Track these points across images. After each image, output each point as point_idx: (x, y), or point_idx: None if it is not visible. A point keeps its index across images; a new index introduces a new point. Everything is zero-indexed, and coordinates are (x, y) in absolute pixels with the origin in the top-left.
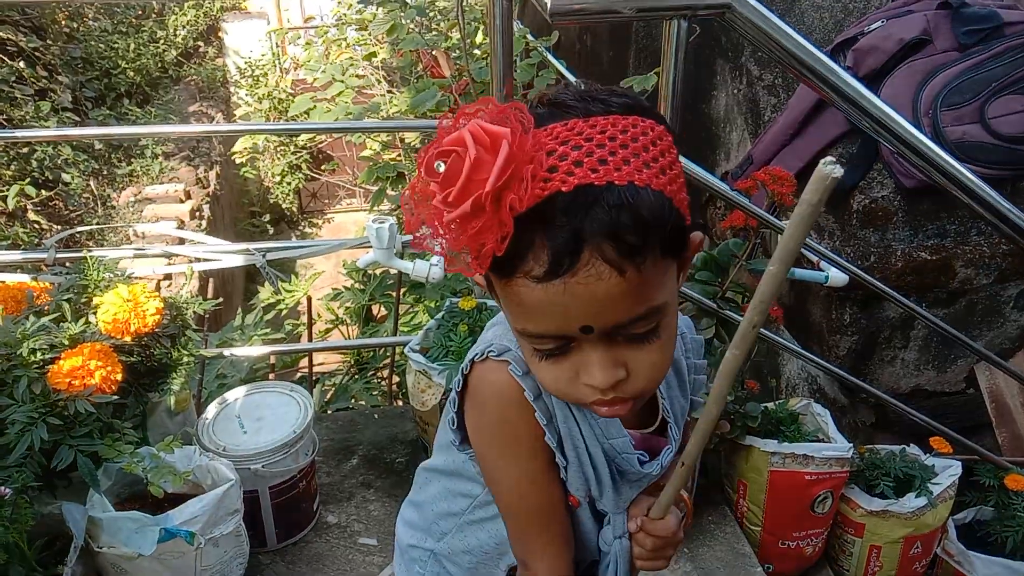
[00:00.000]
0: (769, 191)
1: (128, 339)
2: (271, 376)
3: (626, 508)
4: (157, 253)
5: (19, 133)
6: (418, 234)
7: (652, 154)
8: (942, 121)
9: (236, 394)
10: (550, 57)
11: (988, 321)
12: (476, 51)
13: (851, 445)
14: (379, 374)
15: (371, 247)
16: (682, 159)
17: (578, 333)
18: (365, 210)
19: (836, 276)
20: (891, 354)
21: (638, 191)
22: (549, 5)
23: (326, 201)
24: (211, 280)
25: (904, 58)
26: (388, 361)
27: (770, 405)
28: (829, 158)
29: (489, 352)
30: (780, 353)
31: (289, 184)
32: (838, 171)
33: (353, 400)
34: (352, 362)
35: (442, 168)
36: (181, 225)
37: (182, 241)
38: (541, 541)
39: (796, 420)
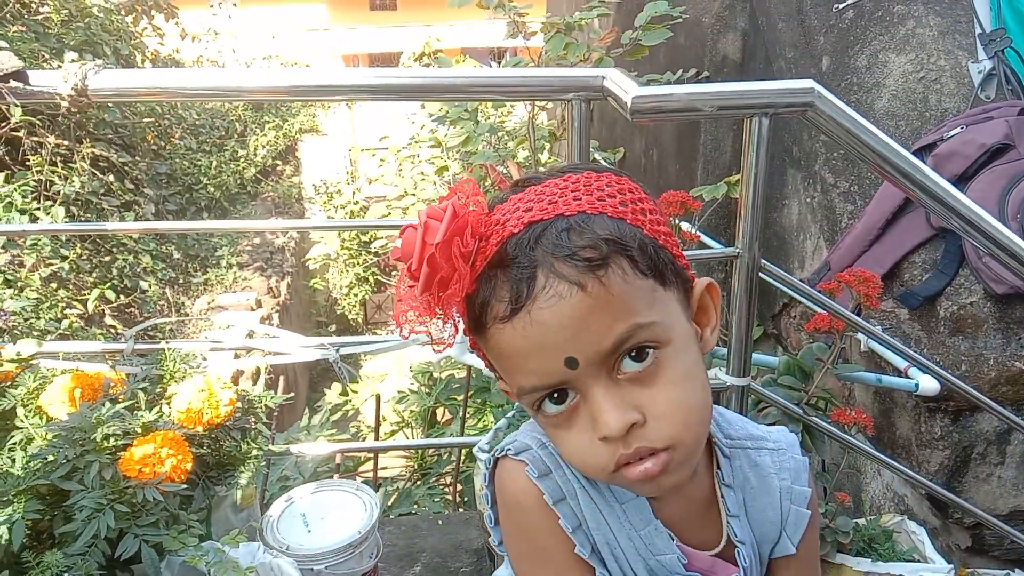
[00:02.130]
0: (855, 293)
1: (200, 429)
2: (335, 479)
3: None
4: (233, 345)
5: (108, 226)
6: (405, 325)
7: (609, 191)
8: None
9: (302, 492)
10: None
11: None
12: (542, 168)
13: (951, 566)
14: (442, 480)
15: None
16: (765, 262)
17: (566, 370)
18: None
19: (927, 384)
20: (987, 471)
21: (589, 216)
22: (630, 104)
23: (390, 312)
24: (281, 379)
25: (986, 164)
26: (452, 467)
27: (861, 521)
28: None
29: (508, 451)
30: (863, 470)
31: (356, 295)
32: None
33: (416, 505)
34: (416, 467)
35: (400, 244)
36: (251, 334)
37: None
38: None
39: (890, 538)
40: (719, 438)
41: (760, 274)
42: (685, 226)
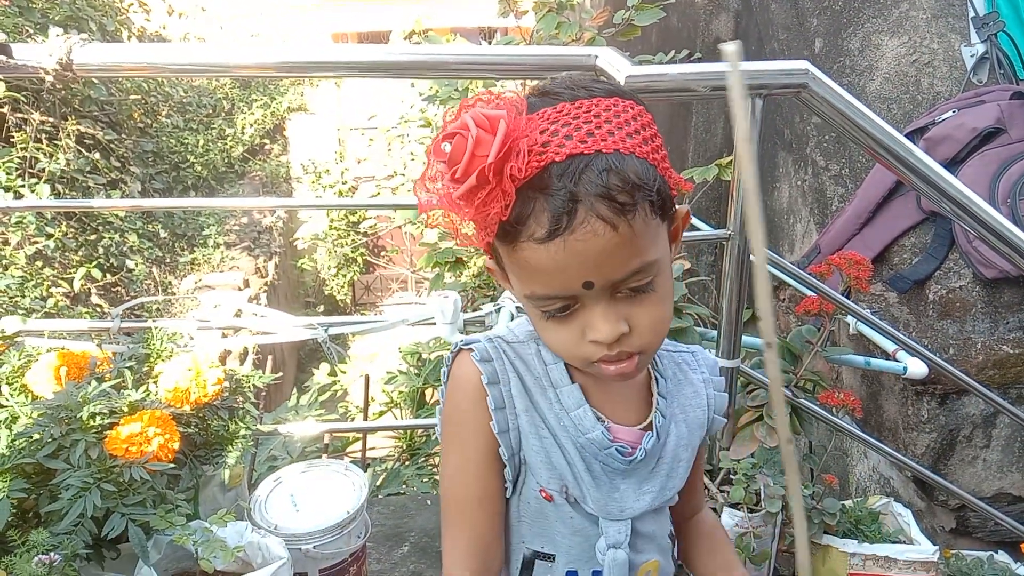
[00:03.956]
0: (845, 275)
1: (187, 408)
2: (324, 459)
3: (630, 518)
4: (221, 325)
5: (94, 203)
6: (430, 214)
7: (634, 127)
8: (1021, 209)
9: (290, 471)
10: None
11: None
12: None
13: (936, 548)
14: (430, 460)
15: (433, 323)
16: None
17: (581, 290)
18: (415, 303)
19: (915, 367)
20: (972, 454)
21: (623, 157)
22: (623, 83)
23: (379, 294)
24: (269, 359)
25: (977, 148)
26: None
27: (848, 503)
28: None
29: (462, 344)
30: (849, 452)
31: (344, 276)
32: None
33: (404, 486)
34: (404, 447)
35: (448, 148)
36: (239, 314)
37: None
38: (453, 533)
39: (876, 520)
40: None
41: (751, 256)
42: None
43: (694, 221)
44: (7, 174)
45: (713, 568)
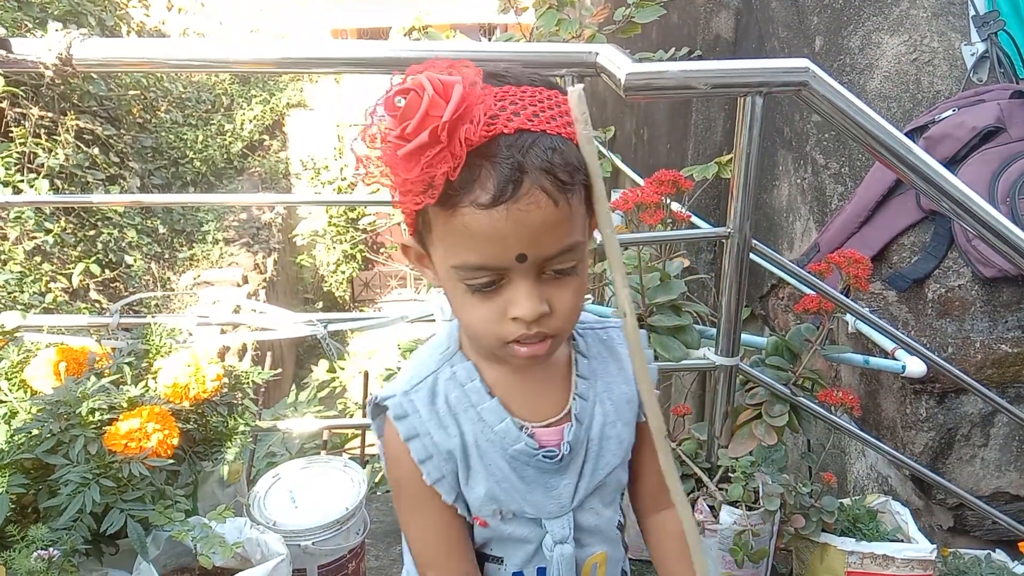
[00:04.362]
0: (844, 274)
1: (186, 404)
2: (322, 455)
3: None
4: (220, 321)
5: (93, 198)
6: (369, 171)
7: (568, 120)
8: (1020, 209)
9: (289, 468)
10: (606, 151)
11: None
12: None
13: (935, 546)
14: None
15: (432, 319)
16: (756, 243)
17: (513, 263)
18: (414, 299)
19: (914, 366)
20: (970, 453)
21: (566, 141)
22: (623, 81)
23: (377, 290)
24: (268, 355)
25: (977, 147)
26: None
27: (846, 501)
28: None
29: (379, 398)
30: (847, 451)
31: (343, 272)
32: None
33: None
34: None
35: (401, 104)
36: (237, 309)
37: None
38: None
39: (874, 518)
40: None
41: (750, 255)
42: (675, 206)
43: (693, 219)
44: (6, 169)
45: (681, 572)
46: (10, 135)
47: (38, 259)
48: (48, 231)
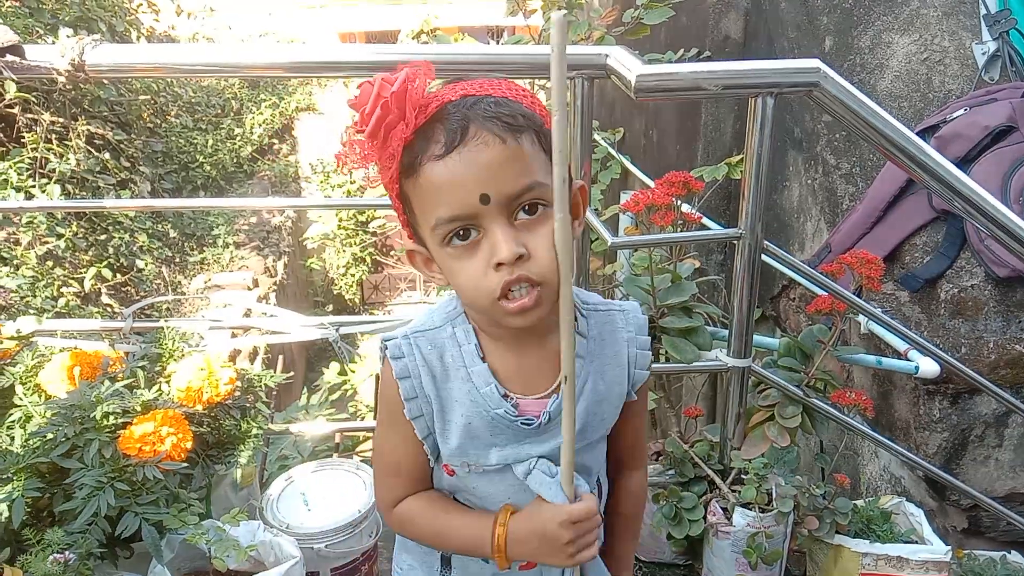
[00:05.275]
0: (856, 274)
1: (200, 408)
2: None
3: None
4: (232, 324)
5: (105, 203)
6: (347, 161)
7: (527, 95)
8: None
9: (302, 471)
10: (614, 152)
11: None
12: None
13: (949, 548)
14: None
15: None
16: (768, 244)
17: (479, 206)
18: (424, 302)
19: (927, 366)
20: (984, 453)
21: (509, 99)
22: (634, 83)
23: (387, 293)
24: (280, 358)
25: (989, 146)
26: None
27: (860, 503)
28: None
29: (385, 339)
30: (860, 452)
31: (353, 276)
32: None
33: None
34: None
35: (357, 92)
36: (249, 313)
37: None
38: (382, 480)
39: (888, 520)
40: (578, 303)
41: (762, 256)
42: (686, 207)
43: (704, 220)
44: (18, 174)
45: (621, 523)
46: (22, 141)
47: (50, 264)
48: (60, 236)
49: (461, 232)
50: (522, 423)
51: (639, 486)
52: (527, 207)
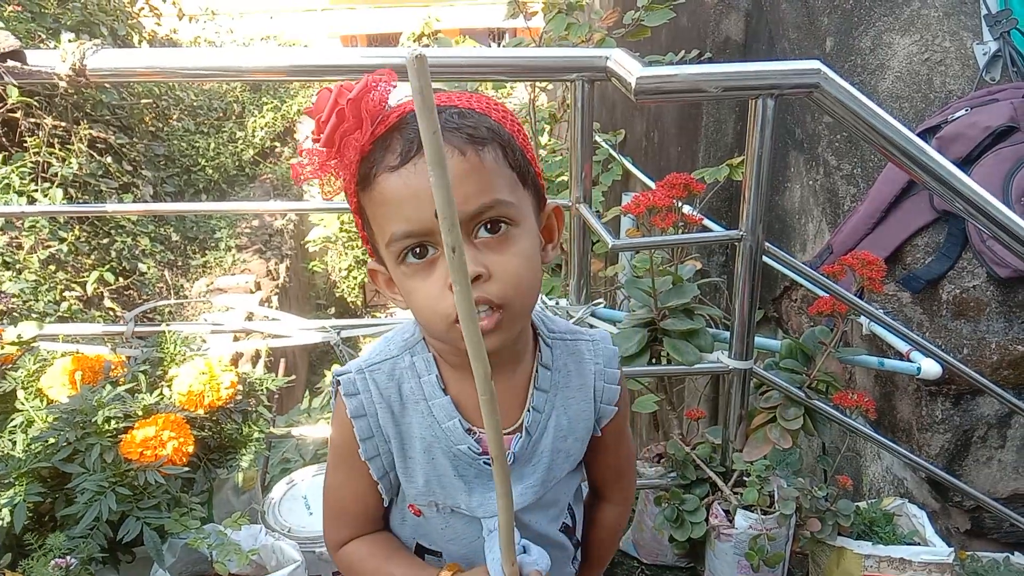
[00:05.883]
0: (858, 275)
1: (201, 412)
2: None
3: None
4: (234, 328)
5: (107, 207)
6: (302, 171)
7: (496, 106)
8: None
9: (303, 474)
10: (616, 154)
11: None
12: (542, 151)
13: (951, 550)
14: None
15: None
16: (769, 245)
17: (435, 222)
18: None
19: (929, 368)
20: (987, 454)
21: (475, 111)
22: (634, 85)
23: (388, 295)
24: (281, 361)
25: (990, 146)
26: None
27: (862, 504)
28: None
29: (337, 376)
30: (862, 453)
31: (355, 278)
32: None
33: None
34: None
35: (315, 99)
36: (250, 317)
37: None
38: (330, 522)
39: (891, 521)
40: (543, 332)
41: (763, 257)
42: (687, 209)
43: (705, 222)
44: (21, 179)
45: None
46: (24, 145)
47: (52, 268)
48: (62, 240)
49: (417, 249)
50: (484, 463)
51: (613, 520)
52: (488, 225)
